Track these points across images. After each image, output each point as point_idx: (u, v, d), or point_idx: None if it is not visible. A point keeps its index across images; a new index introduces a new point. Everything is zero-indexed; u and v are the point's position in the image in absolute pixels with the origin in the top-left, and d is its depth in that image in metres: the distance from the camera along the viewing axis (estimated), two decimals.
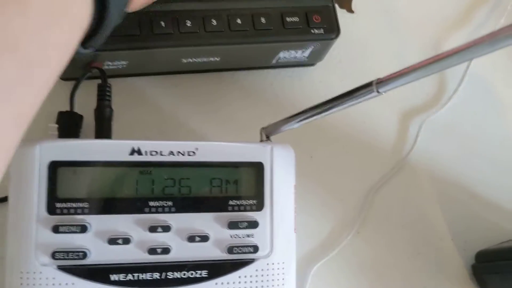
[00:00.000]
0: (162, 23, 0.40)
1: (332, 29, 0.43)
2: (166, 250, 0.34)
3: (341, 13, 0.51)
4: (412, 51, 0.53)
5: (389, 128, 0.49)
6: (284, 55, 0.44)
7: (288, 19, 0.42)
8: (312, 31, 0.42)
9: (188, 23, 0.40)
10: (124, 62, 0.41)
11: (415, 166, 0.48)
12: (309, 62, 0.47)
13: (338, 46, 0.46)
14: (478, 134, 0.51)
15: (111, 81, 0.41)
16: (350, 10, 0.52)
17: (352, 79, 0.50)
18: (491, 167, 0.50)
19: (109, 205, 0.34)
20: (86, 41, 0.30)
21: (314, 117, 0.33)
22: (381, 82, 0.24)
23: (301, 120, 0.34)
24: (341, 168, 0.47)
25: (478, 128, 0.51)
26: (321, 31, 0.43)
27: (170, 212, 0.34)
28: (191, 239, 0.34)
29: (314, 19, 0.42)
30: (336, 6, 0.45)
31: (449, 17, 0.55)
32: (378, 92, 0.25)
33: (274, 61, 0.45)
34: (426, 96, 0.51)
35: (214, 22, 0.40)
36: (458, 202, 0.48)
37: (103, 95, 0.40)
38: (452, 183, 0.49)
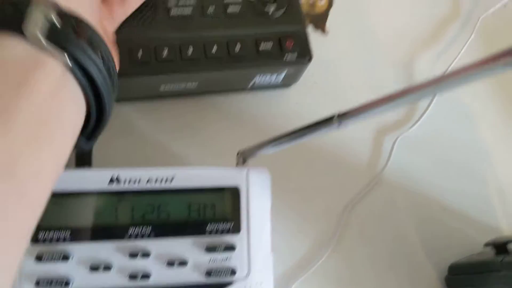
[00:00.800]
0: (140, 52, 0.41)
1: (305, 54, 0.44)
2: (146, 276, 0.35)
3: (314, 35, 0.52)
4: (385, 69, 0.54)
5: (363, 145, 0.51)
6: (260, 79, 0.46)
7: (262, 45, 0.43)
8: (286, 56, 0.44)
9: (165, 52, 0.41)
10: None
11: (390, 182, 0.50)
12: (284, 85, 0.49)
13: (312, 68, 0.47)
14: (451, 148, 0.53)
15: None
16: (324, 31, 0.54)
17: (328, 99, 0.52)
18: (464, 180, 0.52)
19: (90, 232, 0.35)
20: (87, 137, 0.32)
21: (287, 144, 0.34)
22: (342, 116, 0.26)
23: (274, 146, 0.35)
24: (316, 186, 0.48)
25: (451, 142, 0.53)
26: (295, 55, 0.44)
27: (149, 237, 0.35)
28: (170, 264, 0.35)
29: (287, 44, 0.44)
30: (309, 28, 0.47)
31: (420, 35, 0.57)
32: (339, 126, 0.26)
33: (250, 85, 0.47)
34: (399, 113, 0.53)
35: (191, 50, 0.42)
36: (432, 215, 0.50)
37: None
38: (426, 197, 0.50)
